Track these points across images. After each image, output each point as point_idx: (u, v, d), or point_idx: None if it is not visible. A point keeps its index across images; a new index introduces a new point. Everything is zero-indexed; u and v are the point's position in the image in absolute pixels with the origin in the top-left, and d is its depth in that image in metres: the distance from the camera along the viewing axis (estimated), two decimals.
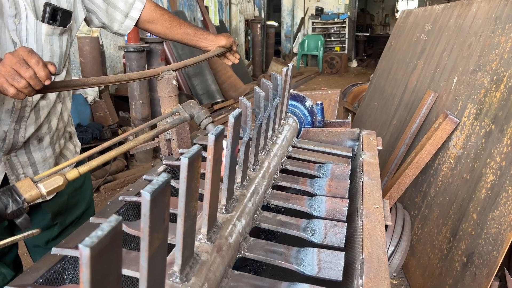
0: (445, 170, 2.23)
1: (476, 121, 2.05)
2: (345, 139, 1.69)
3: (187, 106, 1.12)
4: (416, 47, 3.44)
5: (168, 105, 1.43)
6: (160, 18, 1.61)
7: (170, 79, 1.40)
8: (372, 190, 1.15)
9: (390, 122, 3.43)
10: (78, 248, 0.93)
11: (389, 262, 2.13)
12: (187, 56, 6.65)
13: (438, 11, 3.25)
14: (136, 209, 1.18)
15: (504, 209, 1.59)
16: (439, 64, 2.84)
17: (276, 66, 9.25)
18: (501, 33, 2.08)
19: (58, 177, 0.77)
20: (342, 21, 12.88)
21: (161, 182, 0.56)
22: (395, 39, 4.20)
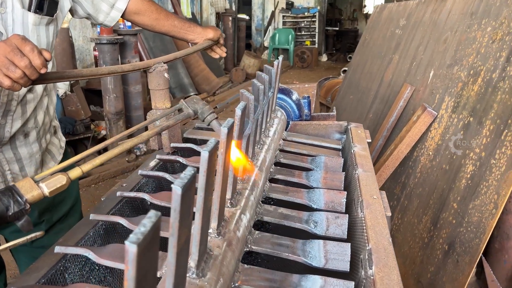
0: (424, 162, 2.30)
1: (454, 114, 2.12)
2: (332, 132, 1.71)
3: (191, 102, 1.09)
4: (391, 42, 3.51)
5: (159, 98, 1.40)
6: (147, 9, 1.56)
7: (162, 71, 1.37)
8: (368, 182, 1.17)
9: (366, 115, 3.50)
10: (80, 246, 0.90)
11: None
12: (158, 49, 6.52)
13: (412, 6, 3.33)
14: (131, 205, 1.15)
15: (485, 198, 1.66)
16: (415, 58, 2.91)
17: (248, 60, 9.23)
18: (478, 28, 2.15)
19: (60, 176, 0.74)
20: (312, 15, 12.98)
21: (189, 176, 0.55)
22: (369, 33, 4.27)
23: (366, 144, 1.48)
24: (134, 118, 4.30)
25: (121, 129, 4.07)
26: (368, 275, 0.81)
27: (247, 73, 9.08)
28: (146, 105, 4.75)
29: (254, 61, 9.28)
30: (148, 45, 6.31)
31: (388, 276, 0.78)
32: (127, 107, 4.19)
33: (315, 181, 1.24)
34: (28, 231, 0.70)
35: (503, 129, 1.68)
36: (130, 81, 4.15)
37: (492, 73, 1.89)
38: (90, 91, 4.67)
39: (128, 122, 4.24)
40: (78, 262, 0.90)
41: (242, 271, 0.82)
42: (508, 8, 1.91)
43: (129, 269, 0.41)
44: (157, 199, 1.02)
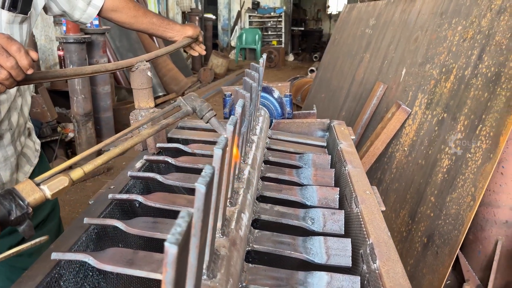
0: (399, 158, 2.35)
1: (428, 110, 2.18)
2: (315, 129, 1.72)
3: (189, 99, 1.07)
4: (362, 41, 3.59)
5: (142, 97, 1.37)
6: (124, 6, 1.52)
7: (145, 70, 1.34)
8: (359, 178, 1.18)
9: (339, 113, 3.55)
10: (74, 251, 0.86)
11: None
12: (125, 49, 6.37)
13: (381, 6, 3.41)
14: (120, 207, 1.11)
15: (462, 191, 1.72)
16: (386, 57, 2.98)
17: (216, 59, 9.17)
18: (448, 28, 2.22)
19: (62, 177, 0.70)
20: (278, 15, 13.06)
21: (210, 174, 0.53)
22: (339, 33, 4.35)
23: (351, 141, 1.49)
24: (103, 120, 4.18)
25: (90, 131, 3.94)
26: (372, 269, 0.82)
27: (216, 73, 9.03)
28: (115, 106, 4.63)
29: (223, 61, 9.24)
30: (115, 44, 6.15)
31: (393, 269, 0.79)
32: (95, 108, 4.06)
33: (305, 178, 1.25)
34: (30, 237, 0.66)
35: (477, 124, 1.75)
36: (98, 82, 4.02)
37: (464, 70, 1.96)
38: (55, 93, 4.50)
39: (97, 123, 4.11)
40: (72, 269, 0.86)
41: (248, 271, 0.81)
42: (478, 7, 1.98)
43: (168, 271, 0.39)
44: (151, 200, 0.99)
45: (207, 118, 1.06)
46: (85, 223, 0.88)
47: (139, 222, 0.90)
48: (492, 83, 1.72)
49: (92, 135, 3.98)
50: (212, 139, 1.48)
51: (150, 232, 0.86)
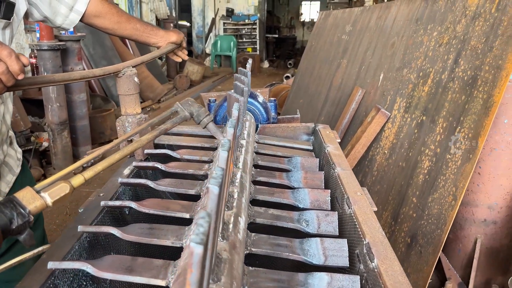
0: (380, 160, 2.40)
1: (407, 114, 2.24)
2: (300, 133, 1.74)
3: (186, 104, 1.06)
4: (338, 47, 3.65)
5: (129, 103, 1.35)
6: (107, 12, 1.50)
7: (132, 76, 1.32)
8: (349, 180, 1.20)
9: (317, 118, 3.60)
10: (69, 260, 0.83)
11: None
12: (99, 56, 6.27)
13: (357, 13, 3.49)
14: (111, 214, 1.09)
15: (444, 191, 1.77)
16: (363, 62, 3.05)
17: (192, 66, 9.14)
18: (424, 33, 2.29)
19: (63, 184, 0.68)
20: (253, 23, 13.14)
21: (222, 176, 0.53)
22: (315, 39, 4.41)
23: (337, 144, 1.52)
24: (79, 128, 4.09)
25: (65, 140, 3.85)
26: (370, 268, 0.83)
27: (191, 80, 8.99)
28: (91, 114, 4.54)
29: (198, 68, 9.22)
30: (88, 52, 6.05)
31: (391, 268, 0.80)
32: (71, 116, 3.97)
33: (296, 181, 1.25)
34: (31, 246, 0.63)
35: (456, 126, 1.80)
36: (73, 90, 3.93)
37: (441, 74, 2.02)
38: (27, 101, 4.37)
39: (73, 132, 4.02)
40: (67, 279, 0.84)
41: (248, 274, 0.81)
42: (453, 13, 2.06)
43: (193, 272, 0.39)
44: (145, 207, 0.97)
45: (205, 123, 1.06)
46: (79, 231, 0.86)
47: (135, 228, 0.88)
48: (469, 86, 1.78)
49: (68, 144, 3.88)
50: (200, 144, 1.47)
51: (147, 239, 0.85)
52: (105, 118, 4.81)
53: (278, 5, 19.74)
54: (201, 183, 1.15)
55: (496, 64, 1.64)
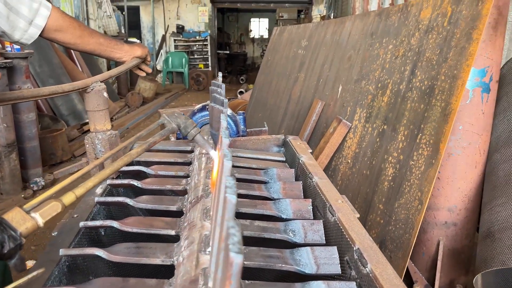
0: (343, 170, 2.46)
1: (368, 123, 2.32)
2: (271, 145, 1.74)
3: (172, 117, 1.03)
4: (295, 61, 3.73)
5: (99, 120, 1.30)
6: (69, 26, 1.44)
7: (101, 91, 1.28)
8: (328, 188, 1.22)
9: (278, 131, 3.63)
10: (50, 287, 0.78)
11: None
12: (46, 75, 6.00)
13: (312, 28, 3.59)
14: (88, 236, 1.03)
15: (409, 196, 1.83)
16: (321, 76, 3.13)
17: (144, 83, 8.97)
18: (379, 47, 2.40)
19: (54, 203, 0.64)
20: (204, 39, 13.16)
21: (235, 185, 0.52)
22: (271, 54, 4.49)
23: (309, 154, 1.54)
24: (28, 150, 3.86)
25: (14, 163, 3.61)
26: (364, 273, 0.84)
27: (144, 97, 8.82)
28: (40, 134, 4.31)
29: (151, 85, 9.06)
30: (34, 70, 5.77)
31: (385, 271, 0.81)
32: (19, 137, 3.74)
33: (275, 192, 1.25)
34: (22, 271, 0.58)
35: (417, 133, 1.89)
36: (21, 109, 3.72)
37: (399, 85, 2.12)
38: None
39: (22, 154, 3.78)
40: None
41: (245, 287, 0.79)
42: (406, 27, 2.17)
43: (232, 283, 0.37)
44: (128, 225, 0.93)
45: (192, 135, 1.03)
46: (61, 255, 0.80)
47: (121, 248, 0.84)
48: (427, 95, 1.87)
49: (16, 167, 3.66)
50: (173, 159, 1.44)
51: (135, 258, 0.81)
52: (56, 138, 4.59)
53: (228, 22, 19.97)
54: (182, 198, 1.12)
55: (452, 74, 1.75)
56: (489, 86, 1.94)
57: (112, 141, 1.30)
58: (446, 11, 1.90)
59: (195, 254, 0.77)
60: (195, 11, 13.53)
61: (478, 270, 1.87)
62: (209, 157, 1.33)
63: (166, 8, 13.41)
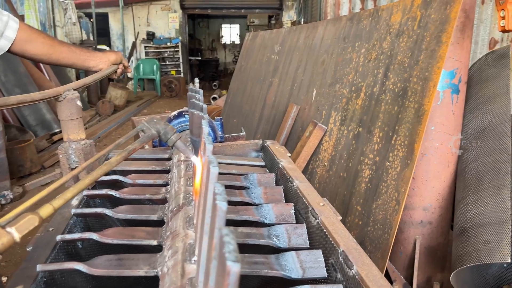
0: (320, 173, 2.48)
1: (343, 126, 2.35)
2: (249, 150, 1.74)
3: (152, 123, 1.00)
4: (269, 66, 3.75)
5: (72, 129, 1.26)
6: (38, 36, 1.41)
7: (74, 99, 1.24)
8: (309, 191, 1.22)
9: (253, 137, 3.63)
10: None
11: None
12: (11, 84, 5.81)
13: (285, 34, 3.62)
14: (65, 250, 0.99)
15: (386, 197, 1.86)
16: (295, 80, 3.15)
17: (115, 91, 8.81)
18: (352, 50, 2.44)
19: (31, 216, 0.61)
20: (175, 45, 13.07)
21: (224, 191, 0.51)
22: (245, 60, 4.49)
23: (289, 158, 1.54)
24: None
25: None
26: (350, 275, 0.84)
27: (115, 105, 8.66)
28: (7, 146, 4.15)
29: (122, 92, 8.91)
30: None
31: (371, 273, 0.82)
32: None
33: (257, 197, 1.24)
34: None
35: (392, 135, 1.92)
36: None
37: (373, 88, 2.15)
38: None
39: None
40: None
41: None
42: (377, 31, 2.22)
43: None
44: (108, 237, 0.90)
45: (173, 141, 1.01)
46: (38, 270, 0.77)
47: (102, 261, 0.81)
48: (400, 97, 1.91)
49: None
50: (151, 168, 1.41)
51: (118, 270, 0.78)
52: (24, 149, 4.43)
53: (199, 28, 19.91)
54: (162, 207, 1.10)
55: (423, 76, 1.79)
56: (458, 87, 2.00)
57: (86, 151, 1.26)
58: (415, 15, 1.95)
59: (180, 264, 0.75)
60: (165, 18, 13.43)
61: (454, 267, 1.91)
62: (188, 164, 1.31)
63: (135, 14, 13.26)
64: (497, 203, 1.83)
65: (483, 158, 2.02)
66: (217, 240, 0.49)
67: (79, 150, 1.25)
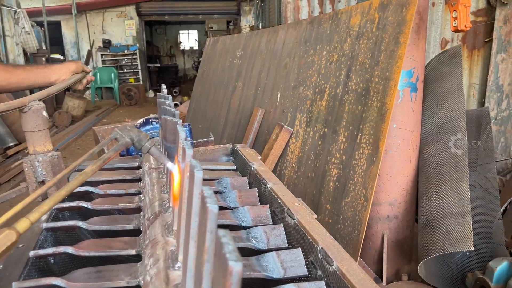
0: (288, 174, 2.51)
1: (309, 128, 2.39)
2: (220, 155, 1.74)
3: (125, 130, 0.98)
4: (232, 71, 3.76)
5: (38, 141, 1.21)
6: None
7: (40, 110, 1.20)
8: (284, 192, 1.24)
9: (219, 142, 3.63)
10: None
11: None
12: None
13: (246, 38, 3.64)
14: (37, 266, 0.95)
15: (355, 194, 1.91)
16: (259, 84, 3.18)
17: (72, 101, 8.53)
18: (314, 53, 2.49)
19: (8, 232, 0.58)
20: (132, 53, 12.83)
21: (213, 195, 0.51)
22: (206, 65, 4.48)
23: (260, 161, 1.55)
24: None
25: None
26: (331, 271, 0.86)
27: (73, 115, 8.38)
28: None
29: (79, 102, 8.64)
30: None
31: (351, 267, 0.84)
32: None
33: (232, 201, 1.25)
34: None
35: (356, 133, 1.98)
36: None
37: (336, 89, 2.21)
38: None
39: None
40: None
41: None
42: (338, 34, 2.28)
43: None
44: (84, 249, 0.88)
45: (147, 148, 1.00)
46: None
47: (80, 274, 0.79)
48: (363, 97, 1.98)
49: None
50: (121, 177, 1.38)
51: (98, 283, 0.77)
52: None
53: (156, 35, 19.65)
54: (137, 216, 1.08)
55: (384, 76, 1.86)
56: (416, 85, 2.09)
57: (54, 163, 1.22)
58: (374, 18, 2.02)
59: (164, 272, 0.75)
60: (121, 25, 13.16)
61: (421, 258, 1.99)
62: (160, 171, 1.29)
63: (90, 22, 12.91)
64: (457, 195, 1.93)
65: (442, 153, 2.12)
66: (209, 243, 0.50)
67: (47, 162, 1.20)
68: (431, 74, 2.41)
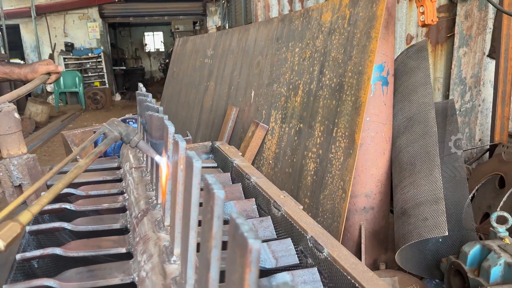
0: (266, 171, 2.52)
1: (284, 124, 2.42)
2: (199, 153, 1.73)
3: (113, 125, 0.96)
4: (203, 71, 3.74)
5: (12, 144, 1.18)
6: None
7: (11, 111, 1.16)
8: (268, 186, 1.25)
9: (193, 141, 3.60)
10: None
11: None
12: None
13: (216, 37, 3.64)
14: (22, 270, 0.92)
15: (332, 187, 1.95)
16: (232, 83, 3.18)
17: (35, 107, 8.25)
18: (286, 50, 2.52)
19: (13, 223, 0.57)
20: (97, 56, 12.53)
21: (217, 181, 0.52)
22: (176, 65, 4.44)
23: (241, 157, 1.56)
24: None
25: None
26: (322, 258, 0.88)
27: (36, 121, 8.11)
28: None
29: (43, 108, 8.36)
30: None
31: (342, 253, 0.86)
32: None
33: None
34: None
35: (332, 127, 2.02)
36: None
37: (310, 84, 2.25)
38: None
39: None
40: None
41: None
42: (310, 31, 2.32)
43: (252, 271, 0.38)
44: (72, 250, 0.86)
45: (135, 142, 0.98)
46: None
47: (72, 274, 0.77)
48: (337, 92, 2.02)
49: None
50: (102, 178, 1.36)
51: (92, 282, 0.75)
52: None
53: (121, 37, 19.27)
54: (124, 215, 1.07)
55: (357, 70, 1.91)
56: (387, 79, 2.15)
57: (30, 165, 1.18)
58: (345, 14, 2.07)
59: (160, 266, 0.74)
60: (84, 27, 12.83)
61: (398, 246, 2.05)
62: (142, 170, 1.28)
63: (50, 25, 12.52)
64: (430, 183, 2.00)
65: (414, 143, 2.19)
66: (217, 229, 0.50)
67: (22, 166, 1.17)
68: (399, 68, 2.49)
